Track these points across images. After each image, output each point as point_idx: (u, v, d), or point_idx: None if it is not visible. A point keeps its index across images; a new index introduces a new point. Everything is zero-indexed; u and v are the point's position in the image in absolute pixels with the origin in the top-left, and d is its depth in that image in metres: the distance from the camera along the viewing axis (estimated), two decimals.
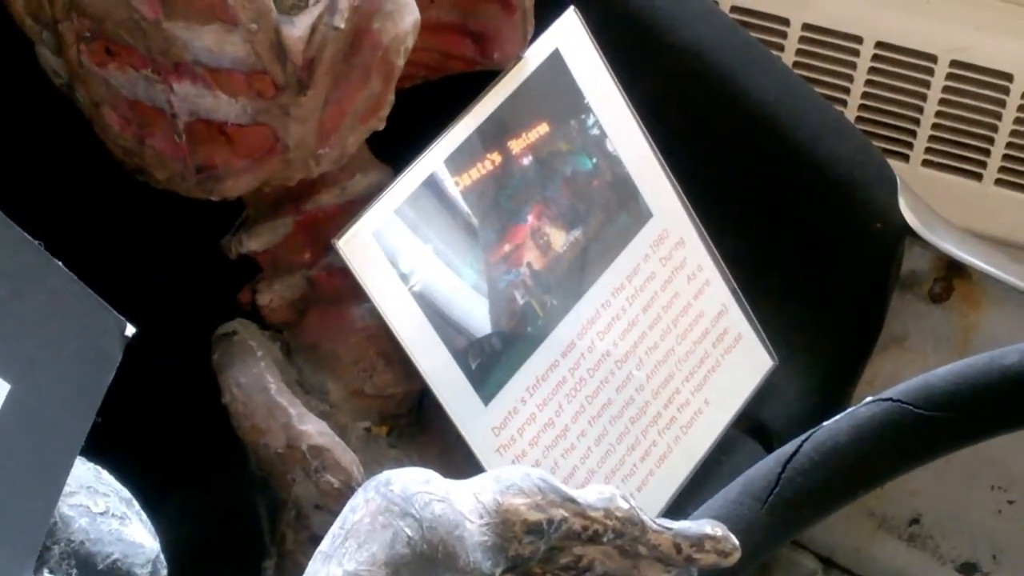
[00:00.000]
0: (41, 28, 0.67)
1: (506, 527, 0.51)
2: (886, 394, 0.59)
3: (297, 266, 0.73)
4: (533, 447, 0.76)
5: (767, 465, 0.60)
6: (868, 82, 1.04)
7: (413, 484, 0.50)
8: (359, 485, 0.67)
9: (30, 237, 0.56)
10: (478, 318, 0.75)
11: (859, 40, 1.03)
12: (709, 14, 0.89)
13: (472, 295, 0.75)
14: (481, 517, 0.50)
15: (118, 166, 0.69)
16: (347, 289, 0.71)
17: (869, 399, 0.59)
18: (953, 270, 0.90)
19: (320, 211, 0.72)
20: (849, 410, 0.59)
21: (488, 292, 0.76)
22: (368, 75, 0.67)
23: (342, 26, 0.65)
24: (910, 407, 0.58)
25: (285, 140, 0.67)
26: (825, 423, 0.59)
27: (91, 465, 0.59)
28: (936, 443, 0.58)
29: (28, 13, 0.67)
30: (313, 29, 0.65)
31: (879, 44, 1.02)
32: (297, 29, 0.65)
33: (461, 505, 0.50)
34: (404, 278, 0.72)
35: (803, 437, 0.59)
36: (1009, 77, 1.02)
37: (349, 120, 0.68)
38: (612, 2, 0.85)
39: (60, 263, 0.57)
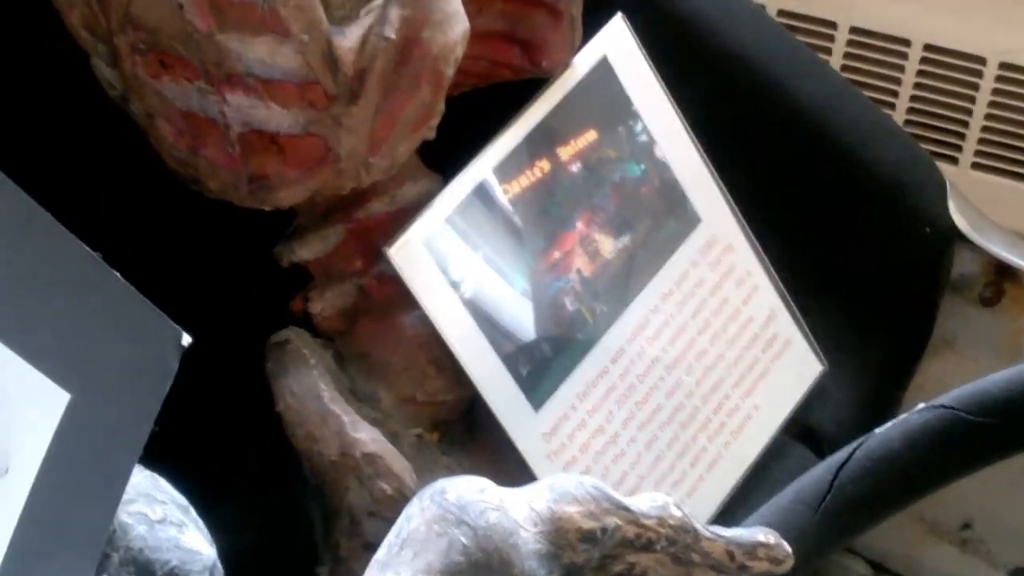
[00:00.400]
0: (96, 41, 0.68)
1: (560, 535, 0.51)
2: (938, 401, 0.59)
3: (348, 274, 0.73)
4: (583, 453, 0.77)
5: (819, 472, 0.60)
6: (917, 85, 1.04)
7: (468, 493, 0.51)
8: (412, 492, 0.68)
9: (89, 249, 0.57)
10: (528, 325, 0.75)
11: (907, 43, 1.02)
12: (756, 19, 0.89)
13: (522, 302, 0.75)
14: (535, 525, 0.51)
15: (172, 176, 0.70)
16: (398, 297, 0.72)
17: (921, 406, 0.59)
18: (1003, 273, 0.90)
19: (371, 219, 0.73)
20: (901, 417, 0.59)
21: (538, 299, 0.76)
22: (418, 84, 0.68)
23: (392, 36, 0.66)
24: (963, 414, 0.58)
25: (337, 150, 0.67)
26: (877, 430, 0.59)
27: (148, 473, 0.60)
28: (989, 450, 0.58)
29: (84, 26, 0.68)
30: (364, 40, 0.66)
31: (927, 47, 1.02)
32: (348, 40, 0.65)
33: (515, 513, 0.51)
34: (454, 285, 0.72)
35: (855, 444, 0.59)
36: None
37: (400, 129, 0.69)
38: (659, 8, 0.85)
39: (118, 274, 0.58)
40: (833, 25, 1.04)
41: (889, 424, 0.59)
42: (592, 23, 0.79)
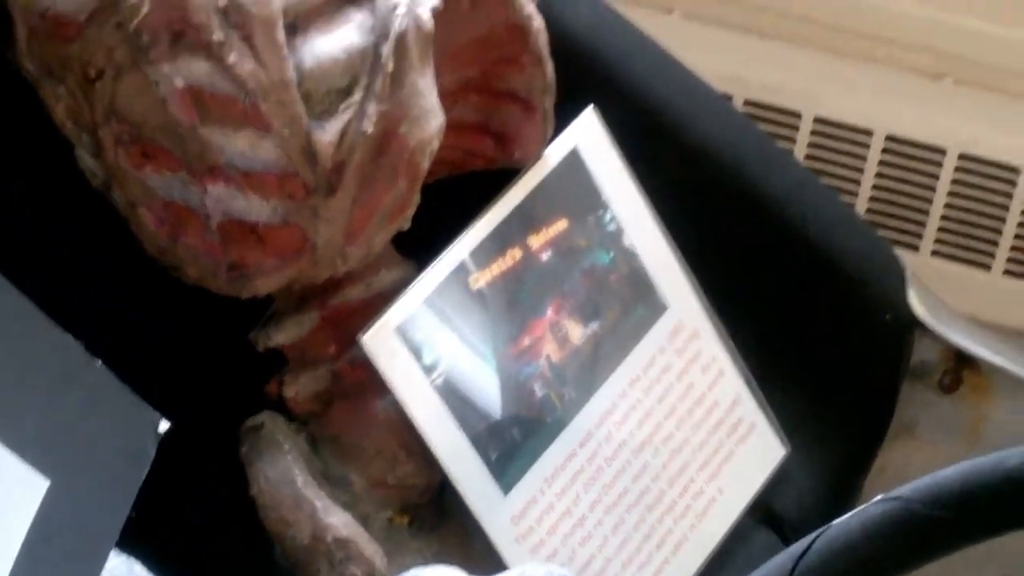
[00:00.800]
0: (81, 131, 0.70)
1: None
2: (895, 493, 0.61)
3: (322, 359, 0.75)
4: (551, 536, 0.78)
5: (780, 560, 0.61)
6: (878, 174, 1.07)
7: None
8: None
9: (71, 337, 0.58)
10: (498, 410, 0.77)
11: (869, 133, 1.05)
12: (724, 111, 0.92)
13: (493, 388, 0.77)
14: None
15: (151, 262, 0.72)
16: (371, 382, 0.74)
17: (879, 497, 0.61)
18: (962, 361, 0.92)
19: (345, 306, 0.75)
20: (859, 508, 0.61)
21: (508, 385, 0.78)
22: (395, 177, 0.70)
23: (370, 131, 0.68)
24: (918, 506, 0.59)
25: (314, 240, 0.69)
26: (836, 521, 0.61)
27: (124, 557, 0.61)
28: (944, 542, 0.60)
29: (69, 117, 0.70)
30: (342, 134, 0.68)
31: (889, 138, 1.05)
32: (327, 134, 0.68)
33: None
34: (427, 371, 0.74)
35: (815, 534, 0.61)
36: (1016, 170, 1.04)
37: (376, 220, 0.71)
38: (630, 101, 0.87)
39: (99, 361, 0.59)
40: (798, 115, 1.07)
41: (848, 515, 0.61)
42: (565, 114, 0.81)
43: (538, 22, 0.77)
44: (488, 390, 0.77)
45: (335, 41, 0.69)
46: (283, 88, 0.66)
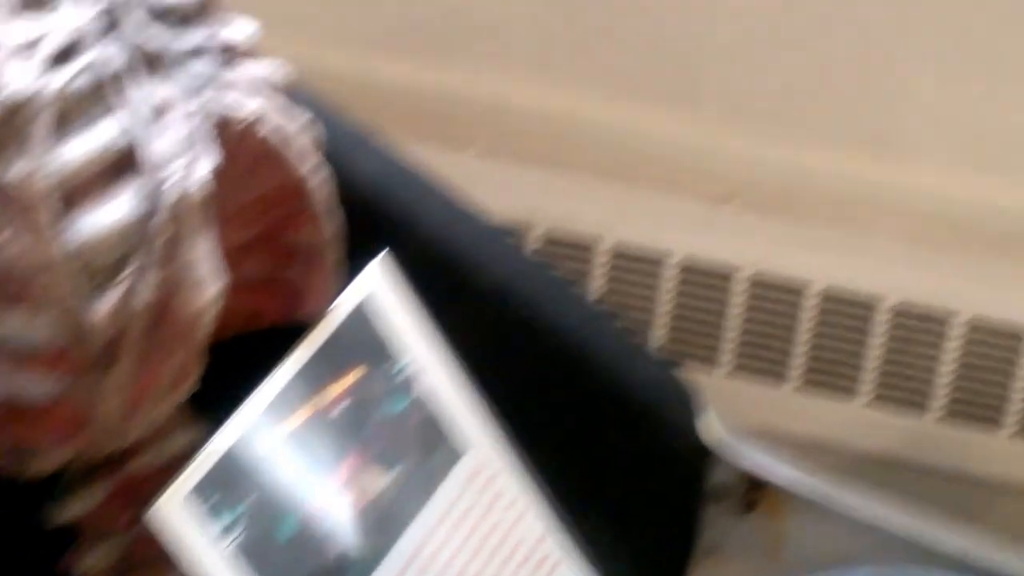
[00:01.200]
0: None
1: None
2: None
3: (116, 530, 0.74)
4: None
5: None
6: (675, 298, 1.10)
7: None
8: None
9: None
10: (301, 566, 0.77)
11: (665, 258, 1.09)
12: (514, 255, 0.94)
13: (293, 544, 0.77)
14: None
15: None
16: (165, 552, 0.73)
17: None
18: (758, 482, 0.95)
19: (135, 475, 0.74)
20: None
21: (309, 538, 0.78)
22: (173, 348, 0.70)
23: (145, 303, 0.68)
24: None
25: (93, 415, 0.69)
26: None
27: None
28: None
29: None
30: (117, 307, 0.68)
31: (684, 261, 1.09)
32: (102, 308, 0.68)
33: None
34: (222, 536, 0.74)
35: None
36: (805, 284, 1.09)
37: (157, 391, 0.71)
38: (420, 248, 0.89)
39: None
40: (595, 244, 1.10)
41: None
42: (357, 262, 0.82)
43: (316, 180, 0.78)
44: (288, 547, 0.77)
45: (108, 214, 0.69)
46: (53, 267, 0.66)
